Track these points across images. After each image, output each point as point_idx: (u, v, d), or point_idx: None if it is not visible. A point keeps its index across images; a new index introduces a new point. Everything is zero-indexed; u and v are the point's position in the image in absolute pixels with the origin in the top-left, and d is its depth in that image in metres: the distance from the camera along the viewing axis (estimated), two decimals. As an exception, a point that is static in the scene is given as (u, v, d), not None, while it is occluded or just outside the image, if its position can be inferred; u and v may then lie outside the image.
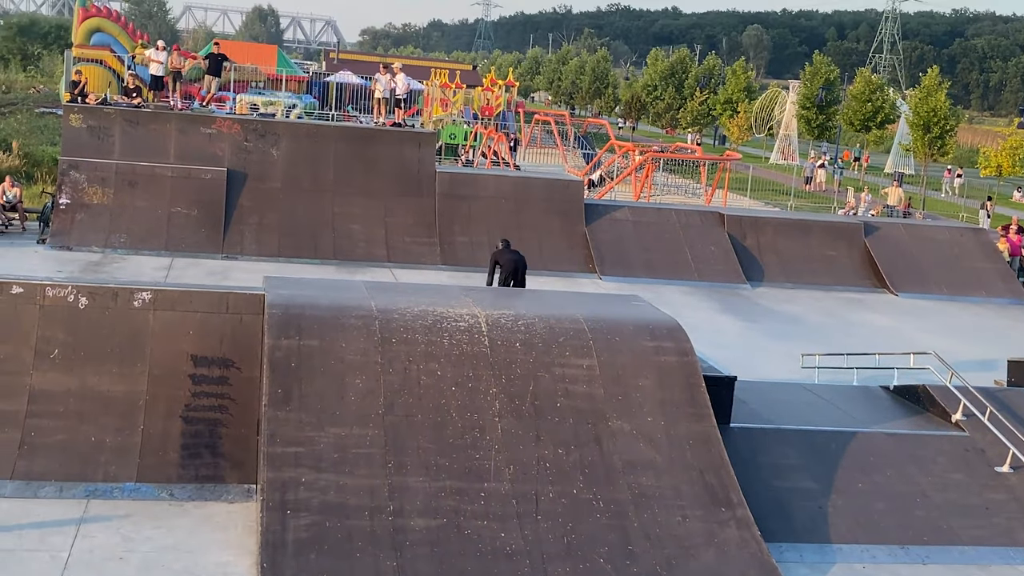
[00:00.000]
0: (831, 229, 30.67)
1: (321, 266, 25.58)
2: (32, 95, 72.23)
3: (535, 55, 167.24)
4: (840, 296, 27.78)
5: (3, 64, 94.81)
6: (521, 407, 12.66)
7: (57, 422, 12.63)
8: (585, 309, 14.44)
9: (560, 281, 25.82)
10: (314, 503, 11.24)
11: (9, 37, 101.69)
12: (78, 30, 52.13)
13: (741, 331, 23.11)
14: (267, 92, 57.24)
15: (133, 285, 14.21)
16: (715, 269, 28.15)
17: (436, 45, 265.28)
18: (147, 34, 60.62)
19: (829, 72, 71.86)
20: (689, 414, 13.01)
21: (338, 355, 12.70)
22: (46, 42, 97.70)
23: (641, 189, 41.61)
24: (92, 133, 27.36)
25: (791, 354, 20.11)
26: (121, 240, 25.69)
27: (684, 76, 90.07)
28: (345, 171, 28.20)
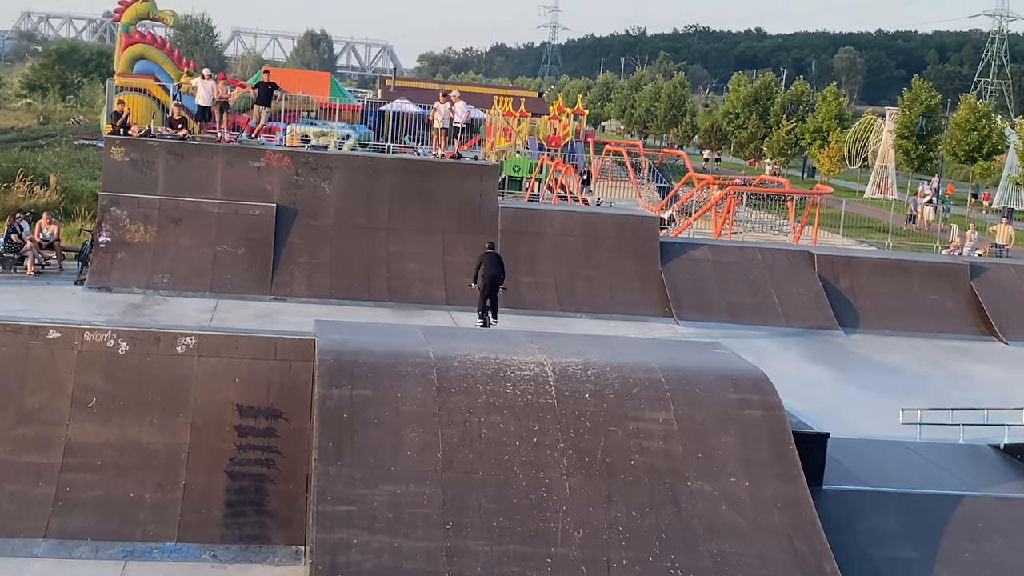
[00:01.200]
0: (934, 270, 30.26)
1: (375, 308, 25.67)
2: (71, 126, 73.82)
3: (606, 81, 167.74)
4: (944, 344, 27.35)
5: (41, 94, 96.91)
6: (591, 464, 12.59)
7: (94, 476, 12.78)
8: (661, 357, 14.37)
9: (633, 326, 25.73)
10: (367, 567, 11.24)
11: (48, 65, 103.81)
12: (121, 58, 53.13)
13: (834, 382, 22.81)
14: (319, 122, 57.96)
15: (176, 329, 14.38)
16: (805, 314, 27.87)
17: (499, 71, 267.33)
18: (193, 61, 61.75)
19: (930, 98, 71.25)
20: (777, 474, 12.86)
21: (393, 405, 12.74)
22: (86, 70, 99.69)
23: (722, 226, 41.37)
24: (134, 167, 27.75)
25: (890, 408, 19.77)
26: (164, 280, 26.01)
27: (769, 103, 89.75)
28: (401, 206, 28.37)
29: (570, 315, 26.45)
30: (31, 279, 26.74)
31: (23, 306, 23.14)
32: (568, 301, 27.19)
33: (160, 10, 53.60)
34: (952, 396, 21.47)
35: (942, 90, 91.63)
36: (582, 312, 26.73)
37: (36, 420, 13.09)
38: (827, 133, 76.41)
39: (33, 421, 13.08)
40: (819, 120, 78.99)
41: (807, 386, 21.20)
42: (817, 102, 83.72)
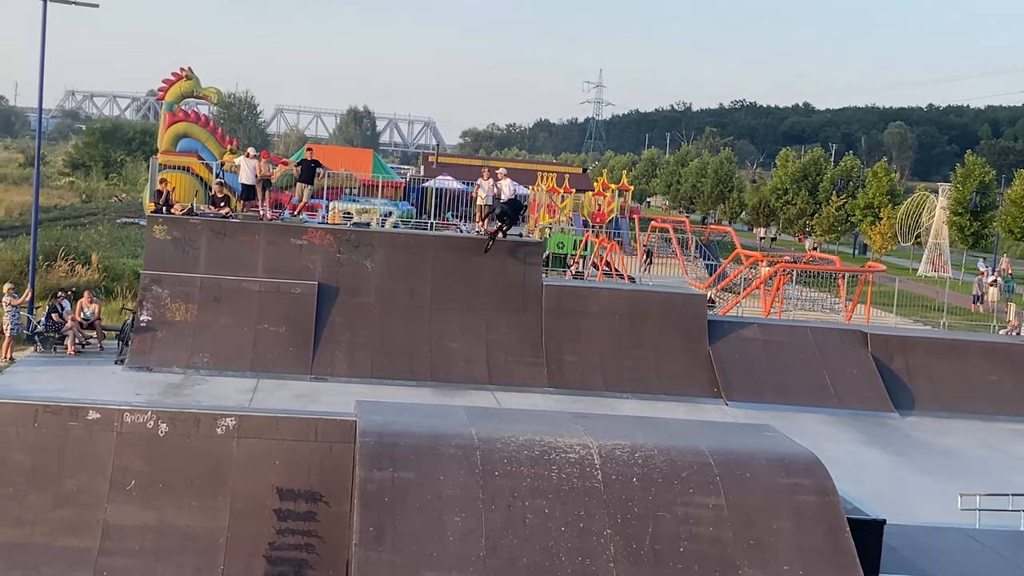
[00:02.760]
0: (992, 350, 29.97)
1: (417, 388, 25.71)
2: (114, 204, 74.86)
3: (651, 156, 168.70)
4: (1003, 427, 27.00)
5: (84, 172, 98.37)
6: (639, 551, 12.49)
7: (132, 561, 12.80)
8: (710, 440, 14.27)
9: (681, 407, 25.60)
10: (409, 658, 11.16)
11: (91, 143, 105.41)
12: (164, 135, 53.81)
13: (889, 466, 22.57)
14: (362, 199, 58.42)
15: (216, 410, 14.44)
16: (858, 395, 27.63)
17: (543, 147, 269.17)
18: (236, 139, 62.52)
19: (984, 174, 71.02)
20: (832, 563, 12.70)
21: (436, 489, 12.71)
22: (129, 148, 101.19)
23: (771, 303, 41.24)
24: (177, 245, 28.05)
25: (948, 494, 19.53)
26: (204, 360, 26.18)
27: (818, 178, 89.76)
28: (444, 284, 28.47)
29: (616, 395, 26.36)
30: (71, 358, 26.99)
31: (63, 386, 23.35)
32: (614, 381, 27.10)
33: (204, 88, 54.32)
34: (1013, 480, 21.17)
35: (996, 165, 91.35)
36: (628, 392, 26.63)
37: (74, 502, 13.16)
38: (878, 209, 76.26)
39: (71, 503, 13.14)
40: (870, 196, 78.85)
41: (861, 470, 21.00)
42: (868, 178, 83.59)
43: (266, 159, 33.76)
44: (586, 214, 61.46)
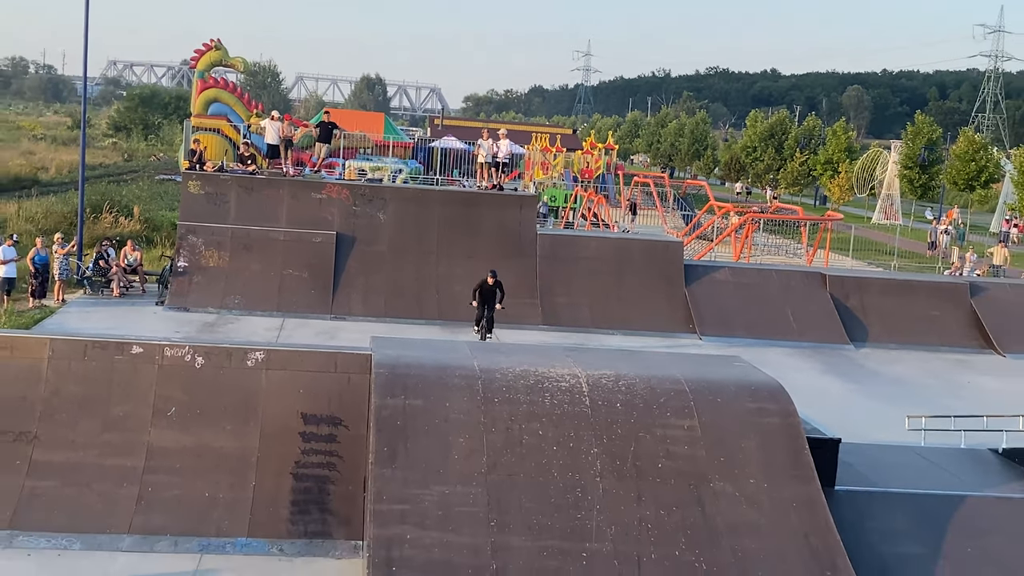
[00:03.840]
0: (936, 289, 30.04)
1: (425, 326, 25.77)
2: (152, 163, 74.50)
3: (634, 118, 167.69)
4: (946, 357, 27.13)
5: (126, 133, 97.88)
6: (622, 467, 12.58)
7: (173, 478, 12.89)
8: (686, 370, 14.32)
9: (660, 341, 25.69)
10: (419, 561, 11.26)
11: (131, 108, 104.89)
12: (196, 100, 53.47)
13: (845, 392, 22.67)
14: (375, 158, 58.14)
15: (246, 345, 14.49)
16: (817, 330, 27.73)
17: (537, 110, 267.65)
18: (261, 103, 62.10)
19: (931, 132, 70.86)
20: (793, 476, 12.80)
21: (442, 414, 12.78)
22: (166, 112, 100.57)
23: (741, 249, 41.22)
24: (209, 199, 28.03)
25: (896, 416, 19.63)
26: (235, 301, 26.21)
27: (784, 137, 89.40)
28: (449, 234, 28.46)
29: (602, 331, 26.44)
30: (117, 300, 27.03)
31: (109, 325, 23.39)
32: (600, 319, 27.18)
33: (232, 57, 53.90)
34: (954, 404, 21.27)
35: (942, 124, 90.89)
36: (613, 329, 26.71)
37: (121, 427, 13.23)
38: (837, 164, 76.10)
39: (118, 428, 13.21)
40: (829, 153, 78.66)
41: (820, 396, 21.08)
42: (828, 136, 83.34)
43: (288, 121, 33.67)
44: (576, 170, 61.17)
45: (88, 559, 11.81)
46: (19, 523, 12.25)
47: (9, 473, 12.75)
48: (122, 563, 11.75)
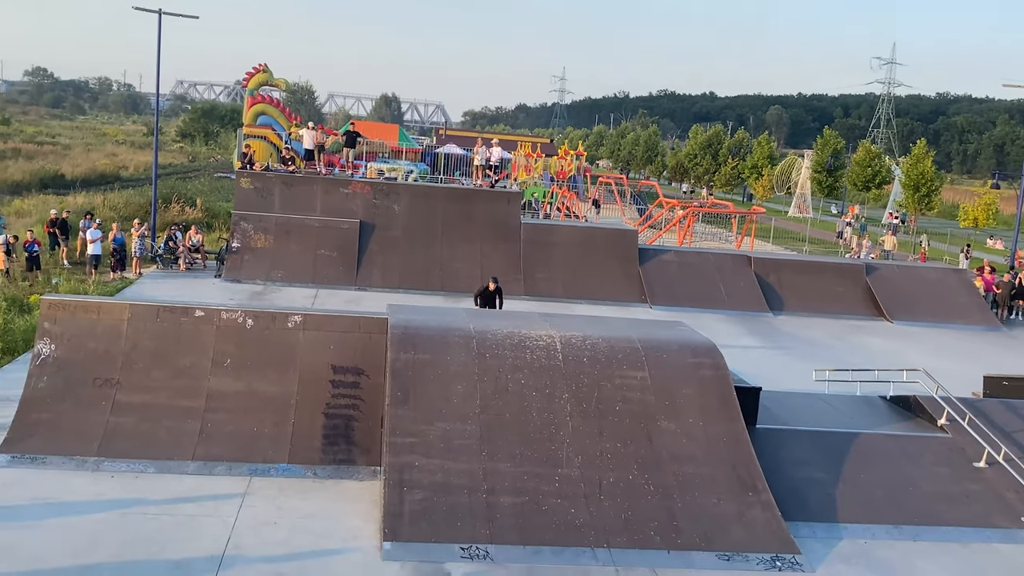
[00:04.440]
0: (839, 269, 30.15)
1: (431, 296, 25.75)
2: (212, 163, 74.10)
3: (600, 131, 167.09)
4: (846, 323, 27.26)
5: (190, 140, 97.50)
6: (588, 409, 12.62)
7: (228, 416, 12.90)
8: (639, 332, 14.36)
9: (618, 309, 25.72)
10: (425, 482, 11.31)
11: (195, 119, 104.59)
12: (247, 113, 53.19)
13: (765, 350, 22.78)
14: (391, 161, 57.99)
15: (287, 310, 14.47)
16: (744, 301, 27.81)
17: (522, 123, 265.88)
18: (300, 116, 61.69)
19: (836, 143, 70.98)
20: (723, 416, 12.87)
21: (444, 366, 12.79)
22: (223, 122, 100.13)
23: (684, 236, 41.25)
24: (257, 193, 27.98)
25: (806, 370, 19.75)
26: (279, 275, 26.17)
27: (719, 147, 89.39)
28: (450, 222, 28.44)
29: (573, 301, 26.47)
30: (183, 273, 26.96)
31: (177, 293, 23.35)
32: (571, 291, 27.21)
33: (276, 78, 53.56)
34: (852, 360, 21.44)
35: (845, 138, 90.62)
36: (581, 299, 26.74)
37: (187, 375, 13.22)
38: (761, 169, 76.11)
39: (185, 376, 13.20)
40: (755, 159, 78.60)
41: (745, 353, 21.19)
42: (754, 146, 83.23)
43: (321, 131, 33.50)
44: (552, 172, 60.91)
45: (160, 480, 11.82)
46: (105, 451, 12.26)
47: (96, 411, 12.75)
48: (187, 484, 11.77)
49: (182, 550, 10.09)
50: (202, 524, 10.70)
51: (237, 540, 10.39)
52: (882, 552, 11.54)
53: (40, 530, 10.32)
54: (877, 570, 11.07)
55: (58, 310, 13.58)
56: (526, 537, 10.82)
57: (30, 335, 17.36)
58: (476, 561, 10.38)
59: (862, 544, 11.70)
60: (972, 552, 11.77)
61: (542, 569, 10.36)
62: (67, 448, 12.24)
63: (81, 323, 13.49)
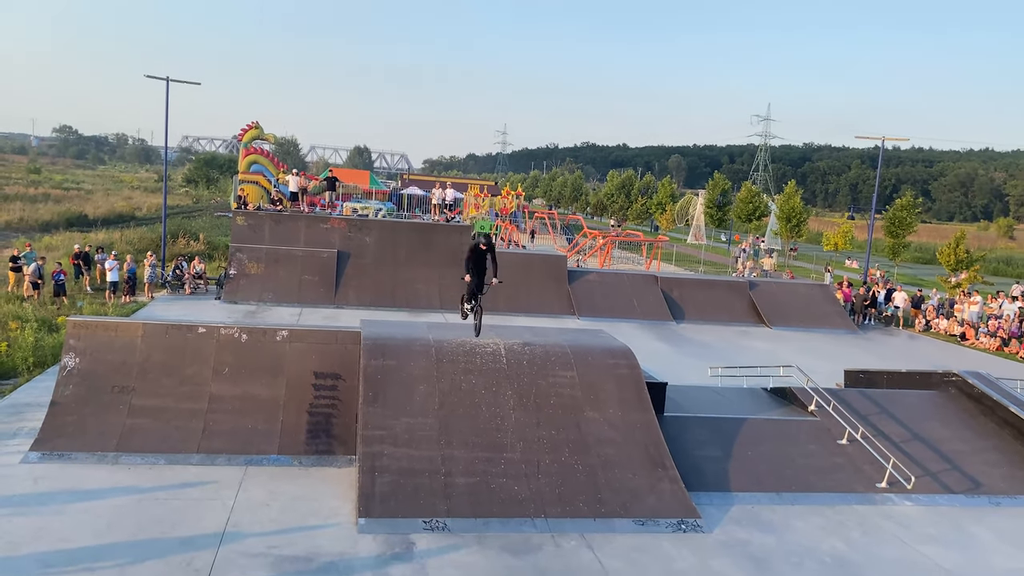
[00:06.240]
0: (728, 285, 30.63)
1: (397, 312, 25.58)
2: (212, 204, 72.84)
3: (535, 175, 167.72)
4: (734, 329, 27.69)
5: (195, 185, 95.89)
6: (527, 403, 12.63)
7: (226, 416, 12.65)
8: (568, 339, 14.43)
9: (552, 320, 25.83)
10: (393, 468, 11.20)
11: (198, 167, 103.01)
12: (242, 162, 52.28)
13: (670, 353, 23.04)
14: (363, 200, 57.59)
15: (276, 326, 14.27)
16: (652, 312, 28.10)
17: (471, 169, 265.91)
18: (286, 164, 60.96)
19: (724, 184, 72.15)
20: (637, 407, 12.96)
21: (408, 371, 12.71)
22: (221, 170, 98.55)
23: (603, 260, 41.57)
24: (251, 228, 27.61)
25: (702, 367, 20.02)
26: (269, 296, 25.78)
27: (631, 188, 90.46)
28: (413, 251, 28.33)
29: (514, 314, 26.48)
30: (188, 297, 26.43)
31: (184, 313, 22.87)
32: (513, 306, 27.20)
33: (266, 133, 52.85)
34: (739, 359, 21.75)
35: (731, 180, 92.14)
36: (521, 312, 26.76)
37: (191, 382, 12.95)
38: (664, 205, 77.10)
39: (189, 383, 12.93)
40: (660, 198, 79.63)
41: (654, 355, 21.41)
42: (659, 187, 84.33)
43: (304, 176, 33.18)
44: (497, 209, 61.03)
45: (170, 471, 11.53)
46: (123, 447, 11.94)
47: (116, 414, 12.42)
48: (193, 472, 11.51)
49: (189, 529, 9.85)
50: (206, 506, 10.46)
51: (236, 519, 10.18)
52: (766, 515, 11.71)
53: (66, 515, 10.00)
54: (762, 529, 11.23)
55: (82, 329, 13.24)
56: (477, 511, 10.77)
57: (57, 350, 16.90)
58: (436, 532, 10.30)
59: (750, 509, 11.85)
60: (836, 513, 12.00)
61: (491, 537, 10.32)
62: (90, 445, 11.90)
63: (101, 339, 13.16)
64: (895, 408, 14.97)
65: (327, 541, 9.84)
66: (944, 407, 15.30)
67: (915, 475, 12.96)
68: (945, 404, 15.41)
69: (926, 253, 67.53)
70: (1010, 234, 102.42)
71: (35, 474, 11.15)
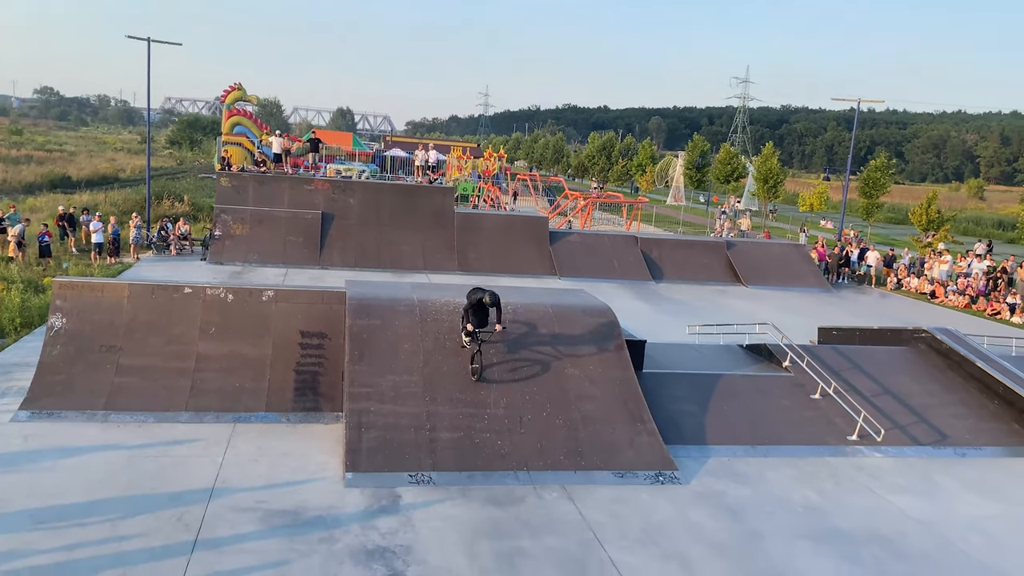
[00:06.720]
0: (706, 245, 30.72)
1: (382, 273, 25.48)
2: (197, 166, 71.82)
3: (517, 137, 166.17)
4: (712, 288, 27.84)
5: (178, 146, 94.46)
6: (510, 360, 12.65)
7: (214, 375, 12.61)
8: (550, 298, 14.45)
9: (534, 280, 25.85)
10: (379, 424, 11.24)
11: (182, 129, 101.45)
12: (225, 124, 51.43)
13: (649, 311, 23.15)
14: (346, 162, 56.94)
15: (262, 286, 14.17)
16: (632, 272, 28.17)
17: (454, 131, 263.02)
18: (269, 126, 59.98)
19: (703, 146, 72.00)
20: (616, 363, 13.04)
21: (393, 330, 12.70)
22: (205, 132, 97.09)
23: (585, 221, 41.51)
24: (235, 190, 27.26)
25: (680, 325, 20.14)
26: (254, 257, 25.58)
27: (612, 150, 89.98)
28: (397, 212, 28.12)
29: (498, 275, 26.47)
30: (174, 258, 26.19)
31: (169, 274, 22.66)
32: (496, 266, 27.20)
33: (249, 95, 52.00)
34: (716, 317, 21.89)
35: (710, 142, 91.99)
36: (504, 273, 26.75)
37: (179, 341, 12.88)
38: (644, 167, 76.87)
39: (177, 342, 12.86)
40: (640, 160, 79.36)
41: (633, 313, 21.50)
42: (639, 149, 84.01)
43: (287, 138, 32.74)
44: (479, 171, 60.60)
45: (159, 427, 11.51)
46: (111, 406, 11.89)
47: (103, 373, 12.35)
48: (182, 430, 11.50)
49: (180, 484, 9.87)
50: (195, 463, 10.47)
51: (225, 475, 10.20)
52: (740, 467, 11.89)
53: (57, 472, 9.99)
54: (737, 481, 11.41)
55: (68, 289, 13.09)
56: (462, 464, 10.85)
57: (44, 311, 16.73)
58: (422, 485, 10.39)
59: (725, 461, 12.03)
60: (808, 464, 12.21)
61: (475, 489, 10.42)
62: (79, 404, 11.84)
63: (88, 300, 13.02)
64: (866, 364, 15.16)
65: (315, 495, 9.90)
66: (914, 362, 15.52)
67: (885, 428, 13.18)
68: (915, 360, 15.63)
69: (899, 214, 68.03)
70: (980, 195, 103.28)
71: (25, 432, 11.10)
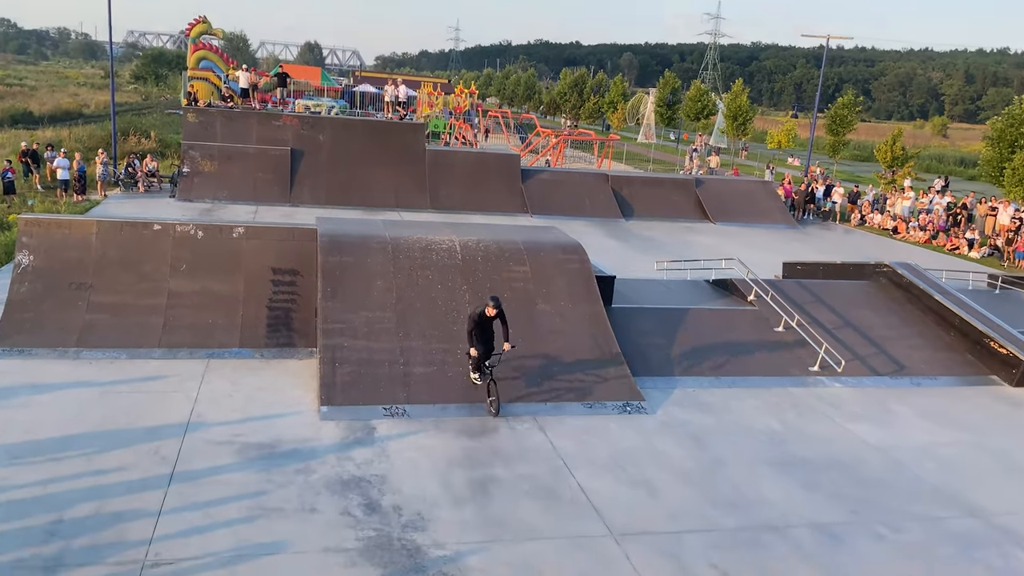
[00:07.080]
0: (675, 183, 30.73)
1: (353, 210, 25.20)
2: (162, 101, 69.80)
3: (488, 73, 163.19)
4: (680, 225, 27.97)
5: (143, 81, 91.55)
6: (482, 297, 12.67)
7: (186, 311, 12.50)
8: (521, 235, 14.41)
9: (505, 218, 25.75)
10: (353, 359, 11.26)
11: (146, 63, 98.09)
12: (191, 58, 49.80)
13: (618, 247, 23.24)
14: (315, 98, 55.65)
15: (232, 223, 13.95)
16: (602, 209, 28.17)
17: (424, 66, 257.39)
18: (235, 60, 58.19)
19: (674, 83, 71.21)
20: (587, 299, 13.14)
21: (366, 267, 12.62)
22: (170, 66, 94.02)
23: (556, 159, 41.17)
24: (202, 126, 26.56)
25: (649, 261, 20.28)
26: (224, 195, 25.15)
27: (583, 86, 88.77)
28: (367, 149, 27.64)
29: (469, 212, 26.32)
30: (142, 195, 25.66)
31: (138, 211, 22.23)
32: (467, 204, 27.02)
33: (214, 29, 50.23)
34: (684, 253, 22.06)
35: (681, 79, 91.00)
36: (476, 211, 26.60)
37: (150, 279, 12.70)
38: (616, 104, 76.10)
39: (148, 279, 12.68)
40: (612, 97, 78.45)
41: (603, 250, 21.58)
42: (611, 86, 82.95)
43: (254, 72, 31.82)
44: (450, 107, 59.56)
45: (132, 364, 11.43)
46: (83, 343, 11.76)
47: (74, 310, 12.17)
48: (155, 366, 11.42)
49: (155, 419, 9.85)
50: (170, 398, 10.44)
51: (200, 410, 10.20)
52: (706, 397, 12.14)
53: (31, 408, 9.91)
54: (702, 410, 11.66)
55: (34, 226, 12.79)
56: (435, 397, 10.95)
57: (10, 249, 16.36)
58: (396, 418, 10.48)
59: (691, 392, 12.26)
60: (772, 394, 12.49)
61: (448, 421, 10.54)
62: (50, 341, 11.69)
63: (55, 237, 12.75)
64: (829, 297, 15.42)
65: (291, 428, 9.95)
66: (875, 296, 15.81)
67: (845, 359, 13.49)
68: (876, 293, 15.93)
69: (864, 151, 68.37)
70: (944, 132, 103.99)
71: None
